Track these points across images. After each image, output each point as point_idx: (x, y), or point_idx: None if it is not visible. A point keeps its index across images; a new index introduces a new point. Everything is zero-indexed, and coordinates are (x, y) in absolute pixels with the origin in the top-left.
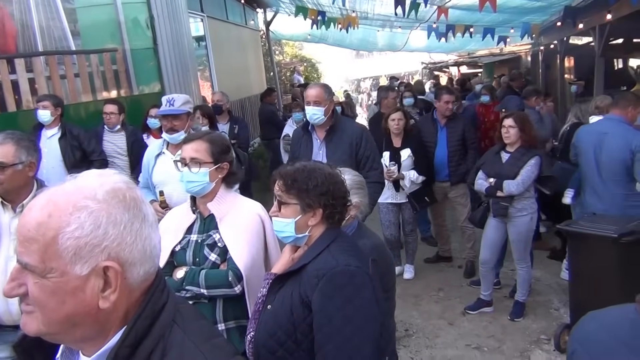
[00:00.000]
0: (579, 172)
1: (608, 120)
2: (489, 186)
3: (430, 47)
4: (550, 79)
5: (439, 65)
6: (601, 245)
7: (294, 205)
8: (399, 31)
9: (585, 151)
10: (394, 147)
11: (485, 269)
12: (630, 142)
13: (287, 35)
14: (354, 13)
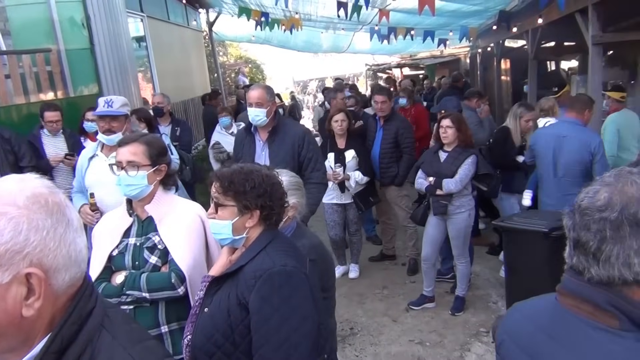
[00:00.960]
0: (535, 174)
1: (565, 123)
2: (429, 185)
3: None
4: (488, 81)
5: (382, 67)
6: (533, 239)
7: (231, 207)
8: (343, 33)
9: (544, 154)
10: (338, 149)
11: (427, 265)
12: (589, 144)
13: (231, 36)
14: (297, 15)
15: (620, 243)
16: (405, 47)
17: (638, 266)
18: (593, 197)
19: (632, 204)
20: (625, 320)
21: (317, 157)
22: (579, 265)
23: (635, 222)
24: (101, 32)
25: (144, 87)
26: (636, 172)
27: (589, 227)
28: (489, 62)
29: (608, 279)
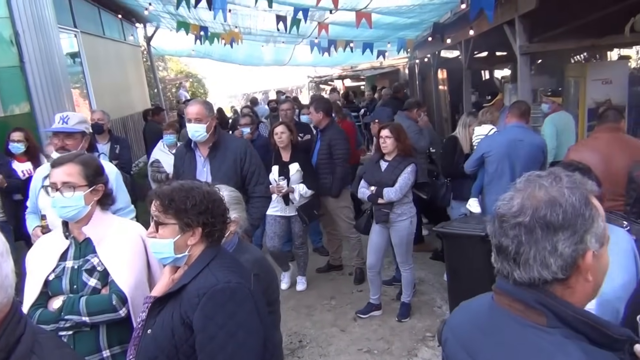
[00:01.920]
0: (479, 181)
1: (517, 127)
2: (371, 194)
3: (315, 62)
4: (427, 90)
5: (324, 79)
6: (472, 243)
7: (172, 225)
8: (283, 46)
9: (499, 159)
10: (282, 161)
11: (373, 273)
12: (542, 145)
13: (170, 50)
14: (237, 28)
15: (535, 245)
16: (345, 59)
17: (555, 266)
18: (508, 204)
19: (541, 207)
20: (552, 318)
21: (259, 170)
22: (504, 269)
23: (545, 224)
24: (31, 49)
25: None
26: (544, 175)
27: (507, 233)
28: (427, 73)
29: (529, 280)
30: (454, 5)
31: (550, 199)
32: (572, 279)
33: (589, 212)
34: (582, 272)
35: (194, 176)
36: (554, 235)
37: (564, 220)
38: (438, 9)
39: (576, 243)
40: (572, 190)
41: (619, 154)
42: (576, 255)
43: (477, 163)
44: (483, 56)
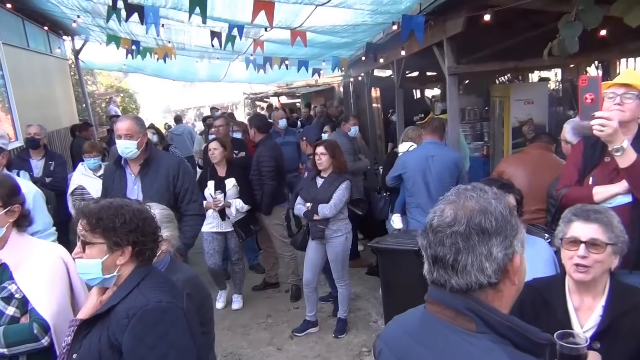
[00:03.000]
0: (401, 197)
1: (430, 144)
2: (307, 210)
3: (250, 78)
4: (361, 108)
5: (260, 96)
6: (406, 258)
7: (99, 245)
8: (218, 62)
9: (415, 175)
10: (218, 177)
11: (309, 290)
12: (456, 160)
13: (100, 64)
14: (170, 43)
15: (472, 251)
16: (281, 76)
17: (490, 269)
18: (441, 215)
19: (475, 215)
20: (481, 323)
21: (193, 187)
22: (440, 278)
23: (481, 230)
24: None
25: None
26: (470, 188)
27: (443, 242)
28: (361, 91)
29: (467, 286)
30: (386, 26)
31: (481, 208)
32: (501, 283)
33: (514, 219)
34: (510, 275)
35: (124, 195)
36: (489, 240)
37: (497, 226)
38: (371, 30)
39: (507, 247)
40: (497, 200)
41: (543, 171)
42: (507, 260)
43: (395, 179)
44: (414, 76)
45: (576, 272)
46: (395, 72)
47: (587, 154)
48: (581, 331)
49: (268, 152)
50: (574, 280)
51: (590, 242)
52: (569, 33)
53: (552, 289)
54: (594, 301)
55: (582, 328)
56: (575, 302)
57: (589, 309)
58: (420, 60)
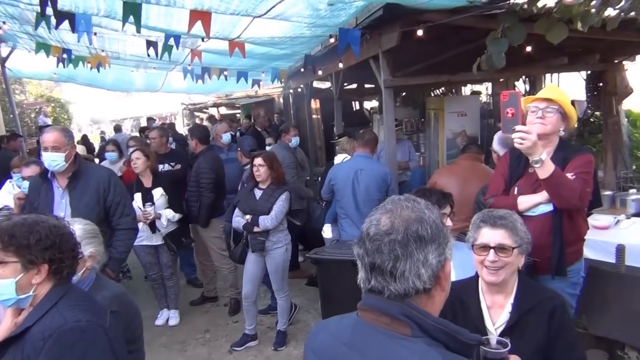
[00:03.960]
0: (333, 207)
1: (361, 157)
2: (246, 223)
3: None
4: (301, 119)
5: (199, 106)
6: (343, 268)
7: (13, 264)
8: (155, 72)
9: (344, 187)
10: (145, 188)
11: (248, 303)
12: (385, 175)
13: (29, 73)
14: (104, 52)
15: (410, 258)
16: (220, 87)
17: (425, 275)
18: (378, 224)
19: (412, 223)
20: (415, 328)
21: (125, 201)
22: (378, 285)
23: (418, 237)
24: None
25: None
26: (404, 199)
27: (381, 250)
28: (301, 102)
29: (405, 291)
30: (324, 39)
31: (417, 217)
32: (433, 289)
33: (445, 228)
34: (442, 281)
35: (50, 209)
36: (425, 247)
37: (432, 234)
38: (309, 42)
39: (440, 254)
40: (430, 210)
41: (473, 180)
42: (440, 266)
43: (328, 190)
44: (353, 88)
45: (487, 275)
46: (334, 84)
47: (512, 164)
48: (493, 328)
49: (208, 164)
50: (485, 282)
51: (499, 247)
52: (496, 49)
53: (468, 290)
54: (504, 299)
55: (494, 325)
56: (487, 301)
57: (499, 307)
58: (358, 73)
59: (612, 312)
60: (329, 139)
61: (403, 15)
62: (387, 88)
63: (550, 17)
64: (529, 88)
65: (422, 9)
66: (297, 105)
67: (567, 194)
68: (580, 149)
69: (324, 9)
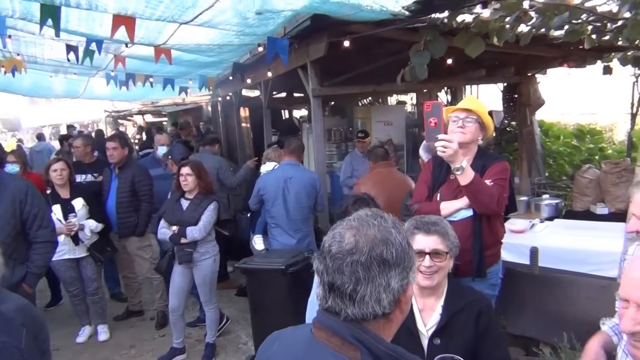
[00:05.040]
0: (262, 217)
1: (288, 165)
2: (172, 234)
3: (113, 95)
4: (230, 127)
5: (123, 114)
6: (273, 277)
7: None
8: (75, 77)
9: (274, 196)
10: (63, 199)
11: (175, 316)
12: (314, 181)
13: None
14: (20, 56)
15: (372, 282)
16: (145, 94)
17: (385, 300)
18: (341, 241)
19: (377, 245)
20: (365, 352)
21: (43, 213)
22: (335, 306)
23: (381, 261)
24: None
25: None
26: (371, 215)
27: (342, 270)
28: (229, 110)
29: (362, 316)
30: (252, 47)
31: (382, 237)
32: (392, 313)
33: (411, 250)
34: (402, 305)
35: None
36: (388, 272)
37: (397, 257)
38: (237, 50)
39: (403, 279)
40: (397, 230)
41: (395, 186)
42: (401, 290)
43: (257, 200)
44: (282, 96)
45: (423, 279)
46: (263, 93)
47: (435, 172)
48: (425, 329)
49: (142, 172)
50: (420, 286)
51: (434, 252)
52: (419, 61)
53: None
54: (435, 302)
55: (426, 326)
56: (419, 304)
57: (430, 309)
58: (287, 82)
59: (528, 312)
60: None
61: (330, 26)
62: (316, 97)
63: (469, 31)
64: (450, 98)
65: (348, 20)
66: (225, 113)
67: (486, 199)
68: (497, 156)
69: (252, 17)
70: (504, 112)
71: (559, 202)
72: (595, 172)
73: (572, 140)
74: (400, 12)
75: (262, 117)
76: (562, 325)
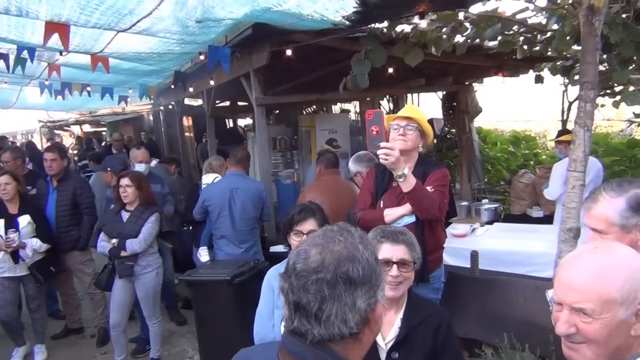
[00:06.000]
0: (207, 229)
1: (234, 176)
2: (112, 247)
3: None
4: (172, 137)
5: (59, 124)
6: (218, 288)
7: None
8: (7, 87)
9: (220, 207)
10: (9, 214)
11: (117, 332)
12: (260, 191)
13: None
14: None
15: (338, 301)
16: (83, 103)
17: (352, 321)
18: (306, 259)
19: (343, 262)
20: None
21: None
22: (302, 327)
23: (347, 279)
24: None
25: None
26: (337, 230)
27: (307, 288)
28: (172, 119)
29: (329, 336)
30: (194, 55)
31: (349, 254)
32: (361, 333)
33: (379, 267)
34: (371, 324)
35: None
36: (354, 291)
37: (363, 275)
38: (178, 58)
39: (370, 297)
40: (364, 245)
41: (341, 194)
42: (369, 310)
43: (201, 211)
44: (226, 105)
45: (389, 290)
46: (206, 102)
47: (378, 179)
48: (383, 343)
49: (83, 184)
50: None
51: (401, 262)
52: (360, 70)
53: None
54: (394, 315)
55: (384, 340)
56: None
57: (389, 323)
58: (230, 90)
59: (470, 314)
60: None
61: (272, 35)
62: (259, 106)
63: (408, 41)
64: (392, 107)
65: (290, 29)
66: (168, 122)
67: (428, 205)
68: (436, 163)
69: (192, 25)
70: (444, 119)
71: (497, 206)
72: (531, 177)
73: (508, 147)
74: (341, 22)
75: (205, 126)
76: (502, 326)
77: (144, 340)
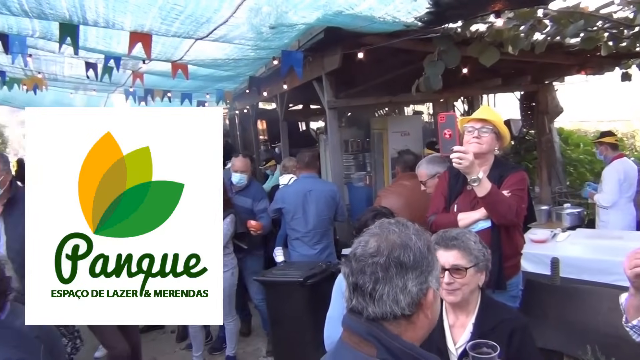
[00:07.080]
0: (282, 230)
1: (307, 178)
2: None
3: None
4: (247, 140)
5: None
6: (291, 290)
7: None
8: (95, 94)
9: (294, 209)
10: None
11: (195, 329)
12: (334, 193)
13: None
14: (40, 74)
15: (390, 283)
16: None
17: (403, 302)
18: (365, 245)
19: (396, 249)
20: (382, 350)
21: None
22: (358, 305)
23: (399, 263)
24: None
25: None
26: (394, 222)
27: (364, 271)
28: (247, 123)
29: (382, 315)
30: (267, 60)
31: (402, 242)
32: (414, 315)
33: (431, 256)
34: (424, 309)
35: None
36: (405, 274)
37: (414, 261)
38: (252, 64)
39: (421, 283)
40: (418, 236)
41: (420, 200)
42: (421, 294)
43: (276, 211)
44: (298, 109)
45: (446, 295)
46: (279, 105)
47: (451, 183)
48: (454, 347)
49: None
50: (445, 301)
51: (453, 268)
52: (433, 71)
53: None
54: (467, 318)
55: (455, 345)
56: (450, 320)
57: (461, 326)
58: (302, 94)
59: (549, 323)
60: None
61: (344, 38)
62: (331, 109)
63: (483, 40)
64: (467, 108)
65: (362, 32)
66: (243, 126)
67: (504, 210)
68: (514, 166)
69: (266, 31)
70: (522, 120)
71: (580, 210)
72: None
73: (592, 148)
74: (413, 23)
75: (278, 129)
76: (585, 337)
77: (220, 338)
